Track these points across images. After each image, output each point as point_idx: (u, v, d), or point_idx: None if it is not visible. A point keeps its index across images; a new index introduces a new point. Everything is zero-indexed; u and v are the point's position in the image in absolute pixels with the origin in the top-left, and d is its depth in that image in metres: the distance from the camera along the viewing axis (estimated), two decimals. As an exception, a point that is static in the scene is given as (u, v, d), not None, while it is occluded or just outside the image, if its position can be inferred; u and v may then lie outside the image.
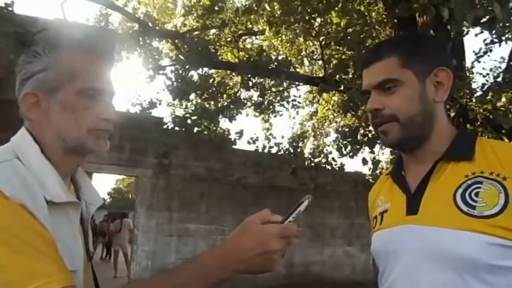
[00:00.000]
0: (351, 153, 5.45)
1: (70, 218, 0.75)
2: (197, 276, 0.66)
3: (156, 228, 6.81)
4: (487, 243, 0.73)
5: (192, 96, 6.73)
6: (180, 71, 6.06)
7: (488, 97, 4.30)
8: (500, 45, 4.56)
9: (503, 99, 4.22)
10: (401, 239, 0.86)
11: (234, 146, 7.34)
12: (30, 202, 0.64)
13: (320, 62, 7.61)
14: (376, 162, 5.63)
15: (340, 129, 6.87)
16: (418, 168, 0.91)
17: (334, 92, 7.23)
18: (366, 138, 5.39)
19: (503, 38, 5.19)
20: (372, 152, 5.72)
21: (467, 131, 0.97)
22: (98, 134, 0.78)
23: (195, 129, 6.45)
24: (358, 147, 5.41)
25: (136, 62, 7.28)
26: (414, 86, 0.87)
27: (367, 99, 0.92)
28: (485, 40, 4.80)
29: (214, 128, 7.01)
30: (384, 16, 5.74)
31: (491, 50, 4.82)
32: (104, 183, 76.03)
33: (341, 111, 8.41)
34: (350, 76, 5.85)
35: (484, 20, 3.11)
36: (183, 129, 6.37)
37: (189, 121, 6.44)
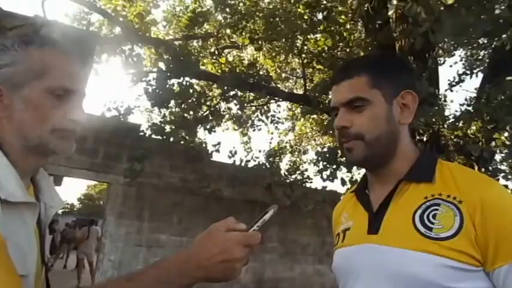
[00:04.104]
0: (330, 178, 5.50)
1: (25, 219, 0.72)
2: (156, 281, 0.64)
3: (124, 237, 6.61)
4: (441, 265, 0.74)
5: (171, 104, 6.67)
6: (161, 79, 6.01)
7: (460, 125, 4.48)
8: (471, 78, 4.78)
9: (473, 127, 4.39)
10: (361, 257, 0.87)
11: (210, 158, 7.29)
12: None
13: (301, 80, 7.73)
14: (353, 182, 5.71)
15: (319, 150, 6.95)
16: (381, 188, 0.92)
17: (316, 112, 7.35)
18: (344, 158, 5.46)
19: (475, 71, 5.46)
20: (350, 172, 5.80)
21: (429, 152, 1.00)
22: (62, 134, 0.75)
23: (172, 138, 6.37)
24: (335, 167, 5.48)
25: (116, 66, 7.19)
26: (382, 107, 0.88)
27: (335, 116, 0.93)
28: (458, 71, 5.04)
29: (192, 139, 6.95)
30: (364, 40, 5.92)
31: (463, 81, 5.04)
32: (74, 189, 73.75)
33: (319, 130, 8.55)
34: (330, 97, 5.96)
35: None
36: (160, 137, 6.29)
37: (167, 129, 6.36)
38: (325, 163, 5.38)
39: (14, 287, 0.58)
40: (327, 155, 5.34)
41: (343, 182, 5.22)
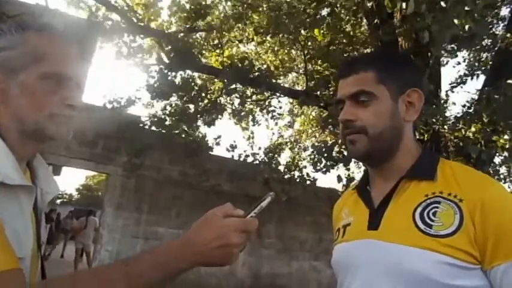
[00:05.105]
0: (324, 169, 5.51)
1: (21, 204, 0.71)
2: (152, 266, 0.64)
3: (122, 229, 6.62)
4: (440, 261, 0.75)
5: (172, 97, 6.66)
6: (163, 72, 6.00)
7: (459, 126, 4.47)
8: (472, 79, 4.78)
9: (473, 129, 4.39)
10: (360, 253, 0.87)
11: (210, 152, 7.28)
12: None
13: (303, 76, 7.70)
14: (350, 180, 5.71)
15: (316, 144, 6.95)
16: (382, 184, 0.93)
17: (313, 106, 7.34)
18: (341, 155, 5.47)
19: (476, 72, 5.46)
20: (347, 169, 5.80)
21: (431, 150, 0.99)
22: (59, 120, 0.75)
23: (173, 131, 6.37)
24: (332, 163, 5.47)
25: (117, 57, 7.13)
26: (387, 103, 0.89)
27: (340, 110, 0.93)
28: (458, 71, 5.06)
29: (192, 132, 6.95)
30: (367, 37, 5.89)
31: (464, 82, 5.05)
32: (73, 179, 73.84)
33: (319, 126, 8.53)
34: (331, 92, 5.96)
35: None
36: (161, 129, 6.29)
37: (167, 122, 6.36)
38: (320, 157, 5.37)
39: (11, 265, 0.58)
40: (323, 149, 5.33)
41: (339, 179, 5.22)
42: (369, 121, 0.88)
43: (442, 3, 3.09)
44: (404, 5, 3.39)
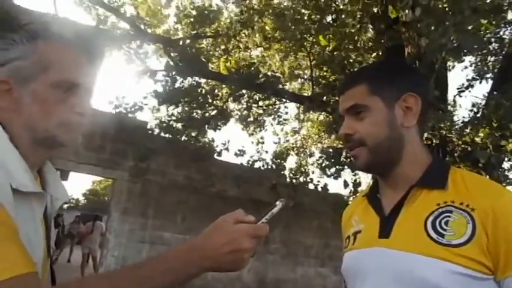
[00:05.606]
0: (335, 175, 5.50)
1: (33, 210, 0.73)
2: (161, 271, 0.64)
3: (128, 234, 6.65)
4: (451, 271, 0.75)
5: (180, 103, 6.70)
6: (170, 78, 6.05)
7: (467, 131, 4.44)
8: (480, 82, 4.75)
9: (481, 134, 4.35)
10: (371, 260, 0.87)
11: (216, 157, 7.30)
12: None
13: (309, 82, 7.71)
14: (356, 185, 5.69)
15: (324, 149, 6.94)
16: (392, 192, 0.93)
17: (320, 112, 7.34)
18: (348, 159, 5.46)
19: (485, 76, 5.42)
20: (354, 174, 5.78)
21: (441, 158, 1.00)
22: (69, 127, 0.76)
23: (183, 138, 6.41)
24: (340, 168, 5.46)
25: (125, 63, 7.26)
26: (382, 112, 0.90)
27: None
28: (467, 75, 5.04)
29: (200, 137, 6.98)
30: (373, 42, 5.89)
31: (472, 86, 5.01)
32: (80, 184, 74.15)
33: (325, 131, 8.52)
34: (336, 98, 5.95)
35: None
36: (169, 135, 6.33)
37: (175, 128, 6.40)
38: (328, 162, 5.37)
39: (30, 268, 0.60)
40: (332, 154, 5.33)
41: (346, 184, 5.20)
42: (366, 132, 0.90)
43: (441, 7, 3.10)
44: (406, 11, 3.41)
